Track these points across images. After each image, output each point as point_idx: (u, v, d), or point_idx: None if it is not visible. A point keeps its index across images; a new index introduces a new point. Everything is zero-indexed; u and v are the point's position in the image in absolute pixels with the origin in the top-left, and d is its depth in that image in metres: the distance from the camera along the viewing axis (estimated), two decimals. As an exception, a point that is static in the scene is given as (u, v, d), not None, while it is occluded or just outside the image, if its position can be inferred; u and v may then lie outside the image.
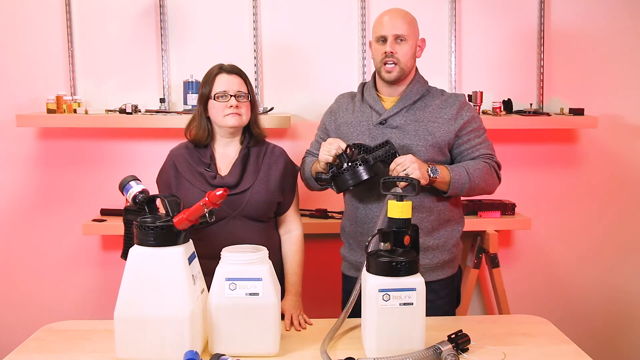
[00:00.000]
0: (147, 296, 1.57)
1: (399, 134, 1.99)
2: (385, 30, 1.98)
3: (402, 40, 1.97)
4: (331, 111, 2.18)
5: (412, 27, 2.00)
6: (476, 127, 2.04)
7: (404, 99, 2.03)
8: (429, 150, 1.98)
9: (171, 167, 2.10)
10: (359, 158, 1.88)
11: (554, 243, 3.16)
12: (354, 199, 2.08)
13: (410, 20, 2.00)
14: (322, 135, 2.18)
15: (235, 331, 1.61)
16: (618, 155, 3.12)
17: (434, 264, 2.03)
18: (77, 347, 1.71)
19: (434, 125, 2.00)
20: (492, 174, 2.02)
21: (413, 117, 2.01)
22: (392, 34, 1.97)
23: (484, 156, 2.03)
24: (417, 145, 1.98)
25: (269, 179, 2.07)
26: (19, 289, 3.04)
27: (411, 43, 1.99)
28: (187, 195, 2.00)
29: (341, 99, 2.19)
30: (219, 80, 2.04)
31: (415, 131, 1.99)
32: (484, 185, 2.00)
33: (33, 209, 3.00)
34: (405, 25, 1.97)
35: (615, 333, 3.23)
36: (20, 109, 2.91)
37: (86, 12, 2.92)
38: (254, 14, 2.94)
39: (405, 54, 1.98)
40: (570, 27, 3.03)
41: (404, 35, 1.97)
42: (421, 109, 2.03)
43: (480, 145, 2.03)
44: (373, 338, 1.59)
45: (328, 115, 2.18)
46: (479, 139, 2.04)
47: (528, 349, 1.69)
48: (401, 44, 1.97)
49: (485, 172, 1.99)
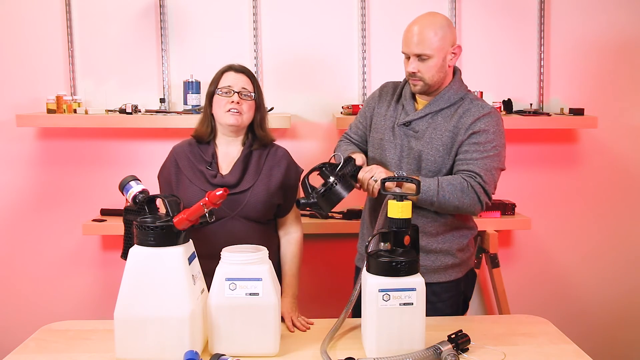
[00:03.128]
0: (147, 296, 1.57)
1: (415, 139, 1.97)
2: (407, 49, 1.92)
3: (425, 57, 1.90)
4: (374, 96, 2.15)
5: (439, 40, 1.89)
6: (482, 142, 1.89)
7: (432, 105, 1.98)
8: (437, 161, 1.95)
9: (172, 164, 2.09)
10: (334, 175, 1.83)
11: (554, 243, 3.16)
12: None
13: (435, 32, 1.89)
14: (361, 119, 2.17)
15: (235, 331, 1.60)
16: (618, 155, 3.12)
17: (436, 266, 2.00)
18: (77, 347, 1.71)
19: (449, 134, 1.94)
20: (468, 193, 1.85)
21: (434, 125, 1.96)
22: (413, 53, 1.91)
23: (468, 173, 1.87)
24: (427, 154, 1.95)
25: (270, 180, 2.06)
26: (19, 289, 3.04)
27: (436, 59, 1.90)
28: (187, 193, 1.99)
29: (386, 87, 2.15)
30: (225, 76, 2.05)
31: (430, 139, 1.95)
32: (457, 204, 1.85)
33: (33, 209, 3.00)
34: (428, 43, 1.88)
35: (615, 333, 3.23)
36: (20, 109, 2.91)
37: (86, 12, 2.92)
38: (254, 14, 2.94)
39: (429, 70, 1.91)
40: (570, 27, 3.03)
41: (426, 53, 1.89)
42: (446, 117, 1.96)
43: (475, 162, 1.88)
44: (373, 338, 1.59)
45: (372, 100, 2.15)
46: (478, 155, 1.88)
47: (528, 349, 1.69)
48: (425, 61, 1.91)
49: (460, 189, 1.84)
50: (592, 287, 3.19)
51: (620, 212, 3.16)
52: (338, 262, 2.16)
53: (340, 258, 2.25)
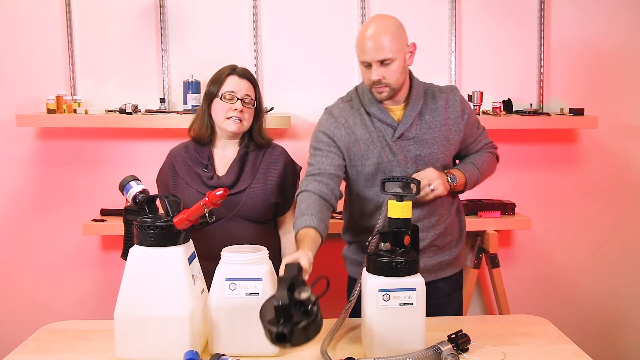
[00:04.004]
0: (147, 296, 1.57)
1: (417, 145, 1.91)
2: (368, 56, 1.82)
3: (388, 62, 1.82)
4: (338, 124, 1.93)
5: (397, 42, 1.82)
6: (475, 119, 2.03)
7: (412, 108, 1.92)
8: (447, 156, 1.96)
9: (169, 167, 2.10)
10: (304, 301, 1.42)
11: (554, 243, 3.16)
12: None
13: (393, 35, 1.81)
14: (331, 149, 1.91)
15: (235, 331, 1.60)
16: (618, 155, 3.12)
17: (448, 260, 2.05)
18: (77, 347, 1.71)
19: (446, 128, 1.94)
20: (494, 161, 2.10)
21: (426, 125, 1.92)
22: (375, 60, 1.81)
23: (486, 146, 2.08)
24: (437, 153, 1.93)
25: (267, 179, 2.06)
26: (19, 289, 3.04)
27: (399, 61, 1.83)
28: (183, 196, 1.99)
29: (341, 111, 1.96)
30: (229, 81, 2.04)
31: (433, 139, 1.92)
32: (489, 174, 2.08)
33: (33, 209, 3.00)
34: (388, 46, 1.80)
35: (615, 333, 3.23)
36: (20, 109, 2.91)
37: (86, 12, 2.92)
38: (254, 14, 2.94)
39: (393, 74, 1.84)
40: (570, 27, 3.03)
41: (388, 57, 1.81)
42: (430, 113, 1.93)
43: (481, 136, 2.06)
44: (373, 338, 1.58)
45: (337, 128, 1.93)
46: (478, 130, 2.05)
47: (528, 349, 1.69)
48: (387, 66, 1.82)
49: (491, 161, 2.07)
50: (592, 287, 3.19)
51: (620, 211, 3.16)
52: (338, 262, 2.16)
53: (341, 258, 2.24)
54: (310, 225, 1.72)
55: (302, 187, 1.85)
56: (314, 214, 1.74)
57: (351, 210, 2.04)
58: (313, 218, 1.73)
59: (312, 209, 1.76)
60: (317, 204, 1.78)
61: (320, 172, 1.86)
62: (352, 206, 2.03)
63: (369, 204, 1.96)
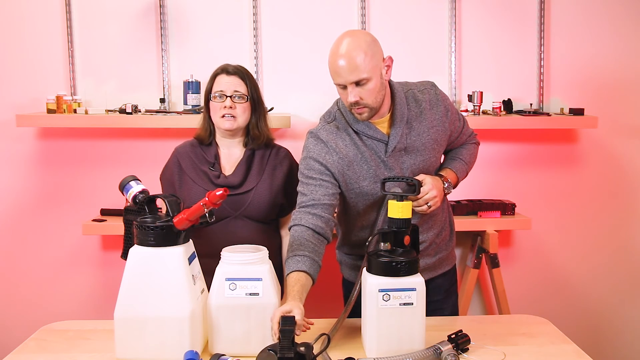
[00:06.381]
0: (147, 296, 1.57)
1: (409, 155, 1.87)
2: (342, 79, 1.72)
3: (364, 82, 1.72)
4: (329, 149, 1.84)
5: (371, 59, 1.72)
6: (455, 111, 1.97)
7: (399, 119, 1.84)
8: (439, 158, 1.97)
9: (175, 165, 2.10)
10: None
11: (554, 243, 3.16)
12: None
13: (365, 53, 1.71)
14: (325, 177, 1.83)
15: (235, 331, 1.60)
16: (618, 155, 3.12)
17: (444, 257, 2.07)
18: (77, 347, 1.71)
19: (434, 130, 1.90)
20: (477, 149, 2.12)
21: (415, 132, 1.87)
22: (349, 82, 1.72)
23: (469, 138, 2.08)
24: (430, 158, 1.90)
25: (273, 180, 2.07)
26: (19, 289, 3.04)
27: (375, 79, 1.73)
28: (190, 194, 2.01)
29: (329, 134, 1.86)
30: (218, 80, 2.06)
31: (424, 145, 1.88)
32: (474, 164, 2.11)
33: (33, 209, 3.00)
34: (361, 65, 1.70)
35: (615, 333, 3.23)
36: (20, 109, 2.91)
37: (86, 12, 2.92)
38: (254, 14, 2.94)
39: (371, 94, 1.74)
40: (570, 27, 3.03)
41: (363, 77, 1.71)
42: (416, 119, 1.87)
43: (464, 128, 2.04)
44: (373, 338, 1.59)
45: (328, 154, 1.84)
46: (460, 122, 2.02)
47: (528, 349, 1.69)
48: (364, 86, 1.73)
49: (475, 152, 2.10)
50: (592, 287, 3.19)
51: (620, 211, 3.16)
52: (332, 264, 2.15)
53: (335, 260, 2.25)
54: (302, 270, 1.69)
55: (296, 220, 1.79)
56: (306, 254, 1.71)
57: (349, 227, 1.99)
58: (305, 260, 1.70)
59: (306, 248, 1.72)
60: (310, 242, 1.75)
61: (314, 203, 1.80)
62: (349, 223, 1.98)
63: (369, 217, 1.94)
